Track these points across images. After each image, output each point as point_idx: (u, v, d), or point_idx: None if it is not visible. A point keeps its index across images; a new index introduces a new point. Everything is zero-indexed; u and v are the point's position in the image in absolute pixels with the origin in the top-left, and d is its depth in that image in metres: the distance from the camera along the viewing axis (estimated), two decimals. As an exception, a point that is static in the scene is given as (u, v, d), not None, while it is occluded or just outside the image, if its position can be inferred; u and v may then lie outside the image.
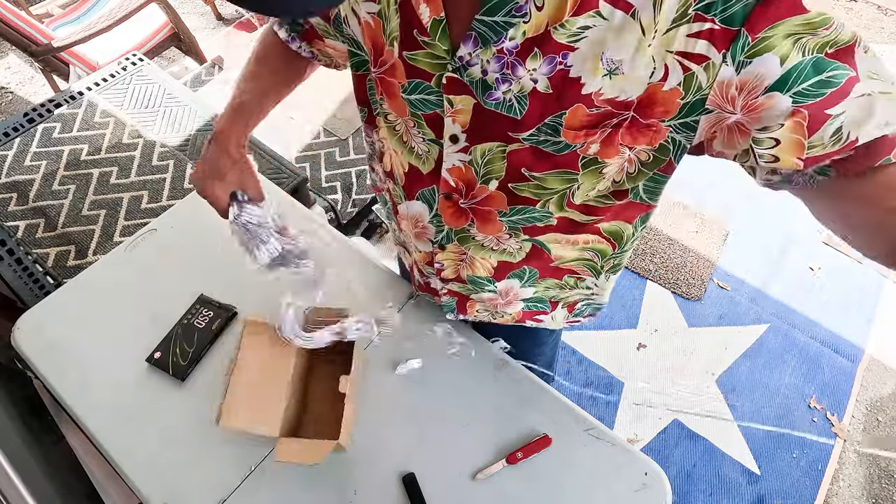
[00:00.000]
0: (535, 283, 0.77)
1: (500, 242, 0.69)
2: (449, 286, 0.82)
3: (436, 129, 0.60)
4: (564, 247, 0.69)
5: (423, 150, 0.64)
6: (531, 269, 0.74)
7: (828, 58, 0.41)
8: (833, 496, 1.57)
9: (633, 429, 1.65)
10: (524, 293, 0.80)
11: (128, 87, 1.66)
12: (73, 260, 1.34)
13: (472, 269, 0.75)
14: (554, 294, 0.81)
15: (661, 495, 0.80)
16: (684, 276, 1.95)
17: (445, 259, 0.75)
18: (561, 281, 0.77)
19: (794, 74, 0.41)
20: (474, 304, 0.85)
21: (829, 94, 0.41)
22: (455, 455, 0.83)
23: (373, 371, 0.90)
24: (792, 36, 0.41)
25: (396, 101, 0.61)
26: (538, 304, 0.83)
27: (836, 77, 0.41)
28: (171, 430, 0.85)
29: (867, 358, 1.81)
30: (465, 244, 0.71)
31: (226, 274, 1.00)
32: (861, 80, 0.41)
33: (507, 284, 0.78)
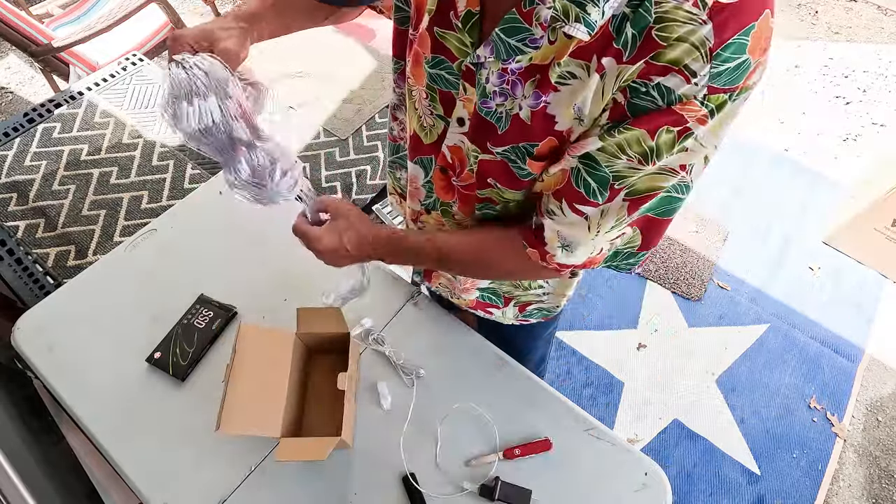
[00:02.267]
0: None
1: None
2: None
3: (446, 108, 0.62)
4: None
5: (428, 124, 0.66)
6: None
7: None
8: (833, 496, 1.57)
9: (633, 429, 1.65)
10: (480, 282, 0.86)
11: (128, 87, 1.66)
12: (73, 260, 1.34)
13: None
14: (508, 290, 0.86)
15: (661, 495, 0.80)
16: (684, 276, 1.95)
17: (427, 222, 0.80)
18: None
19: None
20: (439, 276, 0.92)
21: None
22: (455, 455, 0.83)
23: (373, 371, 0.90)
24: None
25: (419, 70, 0.62)
26: (492, 297, 0.89)
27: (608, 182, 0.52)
28: (171, 430, 0.85)
29: (867, 358, 1.81)
30: (446, 217, 0.75)
31: (226, 274, 1.00)
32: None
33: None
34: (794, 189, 2.22)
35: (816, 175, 2.27)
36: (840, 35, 2.88)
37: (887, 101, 2.55)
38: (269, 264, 1.02)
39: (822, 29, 2.92)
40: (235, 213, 1.09)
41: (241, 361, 0.77)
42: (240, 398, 0.74)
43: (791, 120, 2.49)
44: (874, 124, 2.47)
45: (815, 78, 2.66)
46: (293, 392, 0.83)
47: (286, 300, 0.97)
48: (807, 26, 2.93)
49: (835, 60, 2.73)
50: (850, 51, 2.77)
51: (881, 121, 2.48)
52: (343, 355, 0.83)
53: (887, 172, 1.94)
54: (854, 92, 2.59)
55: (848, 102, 2.55)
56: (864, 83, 2.63)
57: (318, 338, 0.88)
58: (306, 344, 0.90)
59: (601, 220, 0.55)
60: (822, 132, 2.44)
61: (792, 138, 2.41)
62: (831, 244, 2.05)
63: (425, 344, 0.93)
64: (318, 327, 0.85)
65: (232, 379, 0.75)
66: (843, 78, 2.65)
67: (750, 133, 2.41)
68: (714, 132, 0.48)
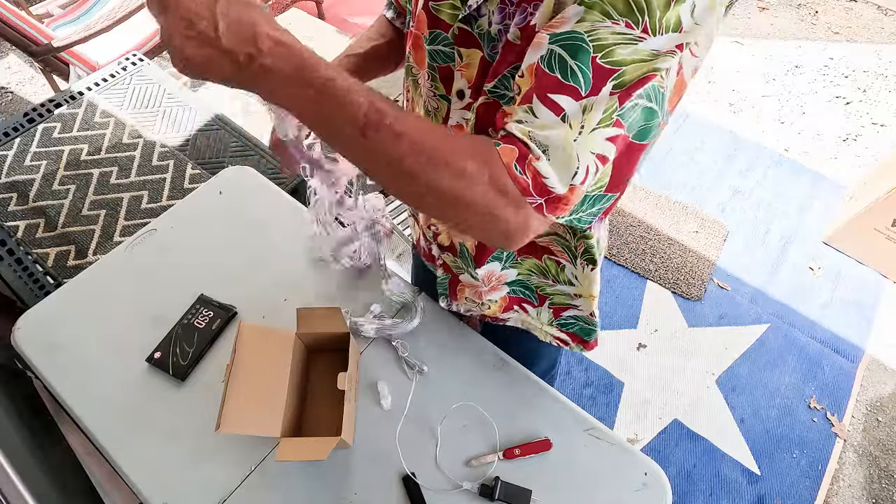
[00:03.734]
0: (515, 264, 0.78)
1: None
2: (444, 256, 0.83)
3: (446, 85, 0.61)
4: None
5: (432, 107, 0.66)
6: None
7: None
8: (833, 496, 1.57)
9: (633, 429, 1.65)
10: (507, 275, 0.79)
11: (128, 87, 1.66)
12: (73, 260, 1.34)
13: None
14: (538, 283, 0.80)
15: (661, 495, 0.80)
16: (684, 276, 1.95)
17: (437, 222, 0.78)
18: (541, 262, 0.77)
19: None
20: (463, 290, 0.86)
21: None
22: (455, 455, 0.83)
23: (373, 371, 0.91)
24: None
25: (420, 53, 0.62)
26: (524, 291, 0.83)
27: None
28: (171, 430, 0.85)
29: (867, 358, 1.81)
30: None
31: (226, 274, 1.00)
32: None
33: (487, 270, 0.78)
34: (794, 189, 2.22)
35: (816, 175, 2.27)
36: (840, 35, 2.88)
37: (887, 101, 2.56)
38: (269, 264, 1.02)
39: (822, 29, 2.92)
40: (235, 214, 1.09)
41: (241, 361, 0.77)
42: (240, 398, 0.74)
43: (791, 120, 2.49)
44: (874, 124, 2.47)
45: (815, 78, 2.66)
46: (293, 392, 0.83)
47: (286, 300, 0.97)
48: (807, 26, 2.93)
49: (835, 60, 2.73)
50: (850, 51, 2.77)
51: (881, 121, 2.48)
52: (343, 355, 0.83)
53: (887, 172, 1.94)
54: (854, 92, 2.59)
55: (848, 102, 2.55)
56: (864, 83, 2.63)
57: (318, 338, 0.88)
58: (306, 344, 0.90)
59: (585, 118, 0.44)
60: (822, 132, 2.44)
61: (792, 138, 2.42)
62: (831, 244, 2.05)
63: (425, 344, 0.93)
64: (318, 327, 0.85)
65: (232, 379, 0.75)
66: (843, 78, 2.65)
67: (750, 133, 2.41)
68: (711, 8, 0.43)
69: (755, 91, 2.59)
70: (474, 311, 0.90)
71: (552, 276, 0.78)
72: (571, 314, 0.84)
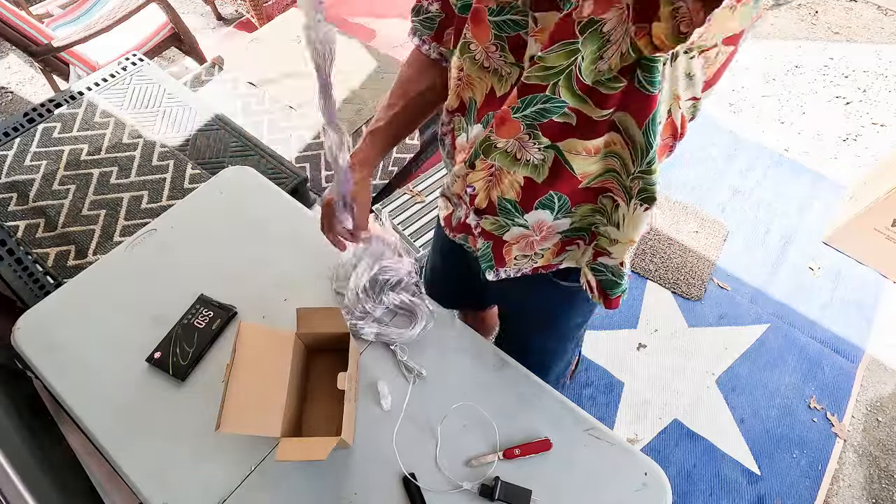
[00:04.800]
0: (568, 213, 0.74)
1: (522, 149, 0.67)
2: (482, 222, 0.79)
3: (516, 54, 0.62)
4: (586, 159, 0.66)
5: (505, 73, 0.66)
6: (559, 195, 0.71)
7: None
8: (833, 496, 1.57)
9: (633, 429, 1.65)
10: (559, 226, 0.76)
11: (128, 87, 1.66)
12: (73, 260, 1.34)
13: (500, 187, 0.73)
14: (593, 221, 0.76)
15: (661, 495, 0.80)
16: (684, 276, 1.95)
17: (476, 180, 0.74)
18: (596, 204, 0.73)
19: None
20: (510, 250, 0.81)
21: None
22: (455, 455, 0.83)
23: (373, 371, 0.91)
24: None
25: (481, 27, 0.63)
26: (576, 232, 0.79)
27: None
28: (171, 429, 0.85)
29: (867, 358, 1.81)
30: (490, 154, 0.70)
31: (226, 274, 1.00)
32: None
33: (536, 217, 0.74)
34: (794, 189, 2.22)
35: (816, 175, 2.27)
36: (840, 35, 2.88)
37: (887, 101, 2.55)
38: (269, 264, 1.02)
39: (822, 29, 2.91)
40: (235, 213, 1.09)
41: (241, 361, 0.77)
42: (240, 398, 0.74)
43: (791, 120, 2.49)
44: (874, 124, 2.47)
45: (815, 78, 2.65)
46: (293, 392, 0.83)
47: (286, 300, 0.97)
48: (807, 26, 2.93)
49: (835, 60, 2.73)
50: (850, 51, 2.77)
51: (881, 121, 2.48)
52: (343, 355, 0.83)
53: (887, 172, 1.94)
54: (854, 92, 2.59)
55: (848, 102, 2.55)
56: (864, 83, 2.63)
57: (318, 338, 0.88)
58: (306, 344, 0.90)
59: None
60: (822, 132, 2.44)
61: (792, 138, 2.41)
62: (831, 244, 2.05)
63: (426, 344, 0.93)
64: (318, 327, 0.85)
65: (232, 379, 0.75)
66: (843, 78, 2.65)
67: (750, 133, 2.41)
68: None
69: (755, 91, 2.59)
70: (525, 268, 0.86)
71: (607, 215, 0.74)
72: (603, 261, 0.80)
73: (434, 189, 1.82)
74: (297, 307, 0.83)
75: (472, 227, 0.82)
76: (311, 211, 1.10)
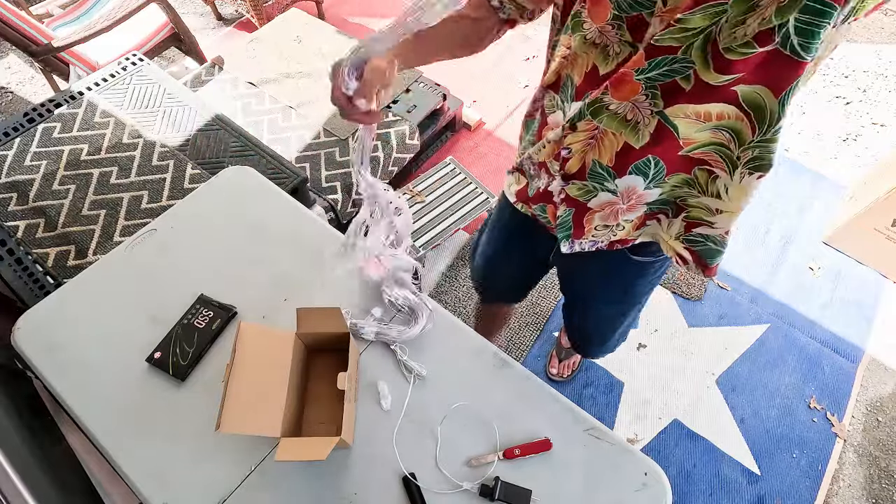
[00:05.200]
0: (661, 182, 0.73)
1: (634, 110, 0.66)
2: (568, 188, 0.79)
3: (634, 33, 0.62)
4: (694, 124, 0.65)
5: (614, 52, 0.65)
6: (656, 159, 0.70)
7: None
8: (833, 496, 1.57)
9: (633, 429, 1.65)
10: (649, 195, 0.75)
11: (128, 87, 1.66)
12: (73, 260, 1.34)
13: (599, 150, 0.72)
14: (682, 194, 0.75)
15: (661, 495, 0.80)
16: (684, 276, 1.95)
17: (574, 142, 0.73)
18: (690, 175, 0.71)
19: None
20: (592, 218, 0.80)
21: None
22: (455, 455, 0.83)
23: (373, 371, 0.91)
24: None
25: (601, 5, 0.62)
26: (662, 206, 0.78)
27: None
28: (171, 429, 0.85)
29: (867, 358, 1.81)
30: (598, 116, 0.69)
31: (226, 274, 1.00)
32: None
33: (628, 182, 0.73)
34: (794, 189, 2.22)
35: (816, 175, 2.27)
36: (840, 35, 2.88)
37: (887, 101, 2.55)
38: (269, 264, 1.02)
39: (822, 29, 2.91)
40: (235, 213, 1.09)
41: (241, 361, 0.77)
42: (240, 398, 0.74)
43: (791, 120, 2.49)
44: (874, 124, 2.47)
45: (815, 78, 2.66)
46: (293, 392, 0.83)
47: (286, 300, 0.97)
48: (807, 26, 2.93)
49: (835, 60, 2.73)
50: (850, 51, 2.77)
51: (881, 121, 2.48)
52: (343, 355, 0.83)
53: (887, 172, 1.94)
54: (854, 92, 2.59)
55: (848, 102, 2.55)
56: (864, 83, 2.63)
57: (318, 338, 0.88)
58: (306, 344, 0.90)
59: None
60: (822, 132, 2.44)
61: (792, 138, 2.41)
62: (831, 244, 2.05)
63: (426, 344, 0.93)
64: (318, 327, 0.85)
65: (232, 379, 0.75)
66: (843, 78, 2.65)
67: (750, 133, 2.41)
68: None
69: None
70: (601, 241, 0.85)
71: (699, 187, 0.73)
72: (702, 231, 0.78)
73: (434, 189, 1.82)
74: (297, 307, 0.83)
75: (556, 194, 0.81)
76: (311, 211, 1.10)
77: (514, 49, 2.69)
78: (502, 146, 2.31)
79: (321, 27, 2.21)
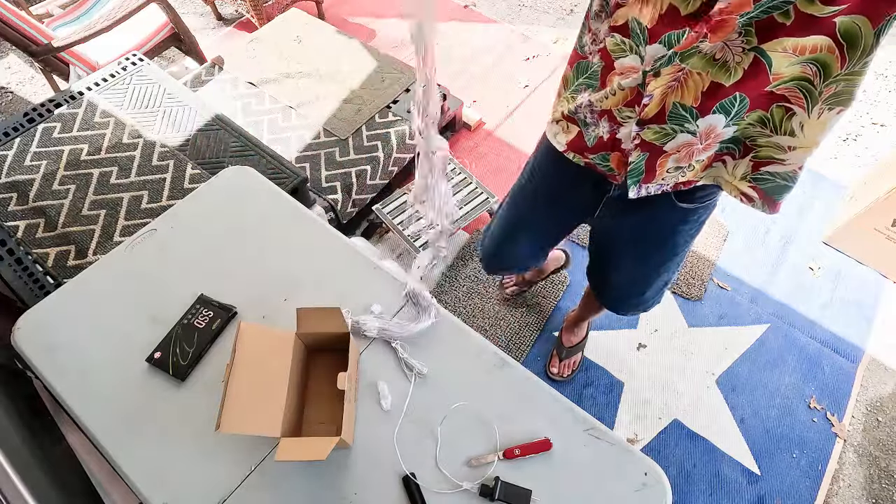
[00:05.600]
0: (739, 120, 0.74)
1: (724, 49, 0.67)
2: (643, 132, 0.78)
3: None
4: (788, 58, 0.65)
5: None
6: (741, 97, 0.70)
7: None
8: (833, 496, 1.57)
9: (633, 429, 1.65)
10: (725, 134, 0.76)
11: (128, 87, 1.66)
12: (73, 260, 1.34)
13: (681, 92, 0.72)
14: (752, 133, 0.76)
15: (661, 495, 0.80)
16: (684, 276, 1.95)
17: (657, 87, 0.73)
18: (767, 113, 0.72)
19: None
20: (665, 161, 0.81)
21: None
22: (455, 455, 0.83)
23: (373, 371, 0.91)
24: None
25: None
26: (731, 145, 0.79)
27: None
28: (171, 430, 0.85)
29: (867, 358, 1.81)
30: (687, 60, 0.69)
31: (226, 274, 1.00)
32: None
33: (709, 122, 0.74)
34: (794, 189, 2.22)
35: (816, 175, 2.27)
36: (840, 35, 2.88)
37: (887, 101, 2.55)
38: (269, 264, 1.02)
39: (822, 29, 2.91)
40: (235, 213, 1.09)
41: (241, 361, 0.77)
42: (240, 398, 0.74)
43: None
44: (874, 124, 2.47)
45: (815, 78, 2.66)
46: (293, 392, 0.83)
47: (286, 300, 0.97)
48: (807, 26, 2.93)
49: (835, 60, 2.73)
50: (850, 51, 2.77)
51: (881, 121, 2.48)
52: (343, 355, 0.83)
53: (887, 172, 1.94)
54: (854, 92, 2.59)
55: (848, 102, 2.55)
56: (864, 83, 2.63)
57: (318, 338, 0.88)
58: (306, 344, 0.90)
59: None
60: (822, 132, 2.44)
61: (792, 138, 2.42)
62: (831, 244, 2.05)
63: (426, 343, 0.93)
64: (318, 327, 0.85)
65: (232, 379, 0.75)
66: (843, 78, 2.65)
67: (750, 133, 2.42)
68: None
69: (755, 91, 2.60)
70: (668, 184, 0.86)
71: (772, 125, 0.73)
72: (771, 170, 0.79)
73: (434, 189, 1.82)
74: (297, 307, 0.83)
75: (627, 140, 0.81)
76: (311, 211, 1.10)
77: (514, 49, 2.69)
78: (502, 146, 2.31)
79: (321, 27, 2.21)
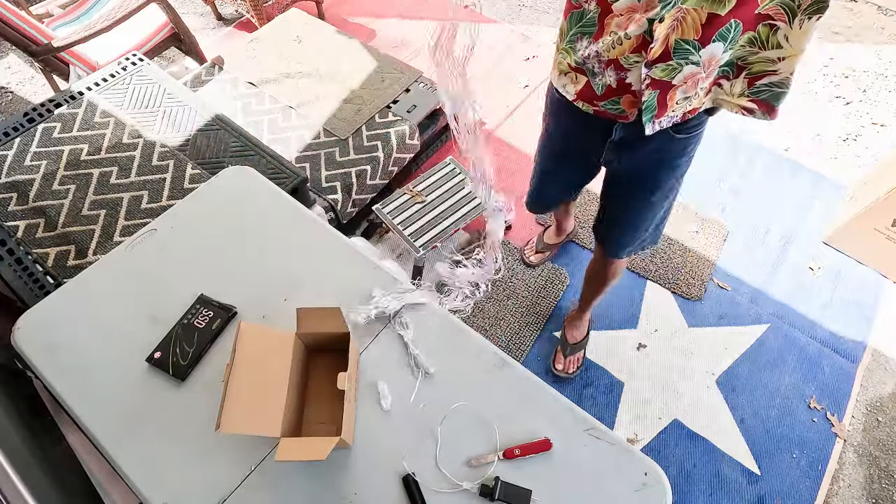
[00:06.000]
0: (734, 44, 0.83)
1: None
2: (652, 72, 0.85)
3: None
4: None
5: None
6: (736, 23, 0.78)
7: None
8: (833, 496, 1.57)
9: (633, 429, 1.65)
10: (723, 59, 0.85)
11: (128, 87, 1.66)
12: (73, 260, 1.34)
13: (682, 29, 0.80)
14: (743, 54, 0.85)
15: (661, 495, 0.80)
16: (684, 276, 1.95)
17: (661, 31, 0.80)
18: (755, 32, 0.81)
19: None
20: (674, 94, 0.89)
21: None
22: (455, 455, 0.83)
23: (373, 371, 0.91)
24: None
25: None
26: (725, 68, 0.89)
27: None
28: (171, 430, 0.85)
29: (867, 358, 1.81)
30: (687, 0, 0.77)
31: (226, 274, 1.00)
32: None
33: (710, 51, 0.82)
34: (794, 189, 2.22)
35: (816, 175, 2.27)
36: (840, 35, 2.88)
37: (887, 101, 2.55)
38: (269, 264, 1.02)
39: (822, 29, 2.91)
40: (235, 213, 1.09)
41: (241, 361, 0.77)
42: (240, 398, 0.74)
43: (791, 120, 2.49)
44: (874, 124, 2.47)
45: (815, 78, 2.65)
46: (293, 392, 0.83)
47: (286, 300, 0.97)
48: (807, 26, 2.93)
49: (835, 60, 2.73)
50: (850, 51, 2.77)
51: (881, 121, 2.48)
52: (343, 355, 0.83)
53: (887, 172, 1.94)
54: (854, 92, 2.59)
55: (848, 102, 2.55)
56: (864, 83, 2.63)
57: (318, 338, 0.88)
58: (306, 344, 0.90)
59: None
60: (822, 132, 2.44)
61: (792, 138, 2.41)
62: (831, 244, 2.05)
63: (426, 343, 0.93)
64: (318, 327, 0.85)
65: (232, 379, 0.75)
66: (843, 78, 2.65)
67: (750, 133, 2.41)
68: None
69: (755, 91, 2.59)
70: (677, 115, 0.94)
71: (760, 43, 0.83)
72: (766, 81, 0.89)
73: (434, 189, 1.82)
74: (297, 307, 0.83)
75: (638, 83, 0.88)
76: (311, 211, 1.10)
77: (514, 49, 2.68)
78: (502, 146, 2.31)
79: (321, 27, 2.21)
